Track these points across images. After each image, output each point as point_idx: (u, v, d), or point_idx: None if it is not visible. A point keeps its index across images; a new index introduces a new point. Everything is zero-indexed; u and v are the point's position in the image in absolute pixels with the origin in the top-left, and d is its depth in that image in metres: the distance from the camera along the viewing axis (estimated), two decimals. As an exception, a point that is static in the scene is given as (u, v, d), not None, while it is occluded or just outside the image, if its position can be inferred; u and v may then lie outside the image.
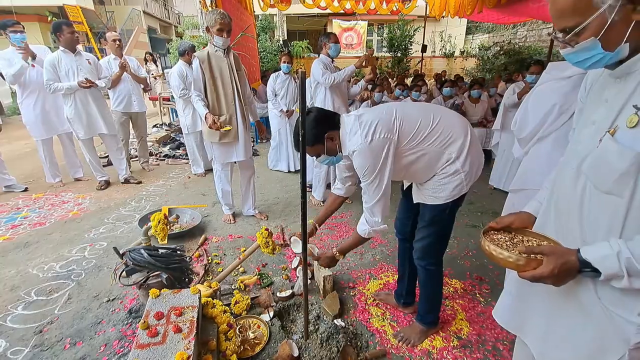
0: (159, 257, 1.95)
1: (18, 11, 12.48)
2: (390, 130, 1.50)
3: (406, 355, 1.86)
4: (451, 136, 1.54)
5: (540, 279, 0.87)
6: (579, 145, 0.94)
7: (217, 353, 1.66)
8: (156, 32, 20.76)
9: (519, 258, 0.90)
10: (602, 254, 0.81)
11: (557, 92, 1.87)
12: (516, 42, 12.41)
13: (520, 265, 0.90)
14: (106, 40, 4.77)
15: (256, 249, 2.25)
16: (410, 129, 1.53)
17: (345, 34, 16.04)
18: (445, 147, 1.55)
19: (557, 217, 1.01)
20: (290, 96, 4.69)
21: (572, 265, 0.85)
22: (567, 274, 0.86)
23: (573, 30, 0.81)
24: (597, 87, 0.97)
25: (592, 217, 0.89)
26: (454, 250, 2.87)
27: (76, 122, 3.86)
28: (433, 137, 1.54)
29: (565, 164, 1.00)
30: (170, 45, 13.74)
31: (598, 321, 0.90)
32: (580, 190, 0.90)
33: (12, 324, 2.06)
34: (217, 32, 2.74)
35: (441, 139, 1.54)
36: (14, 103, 9.58)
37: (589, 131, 0.91)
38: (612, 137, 0.82)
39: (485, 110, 5.06)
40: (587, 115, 0.97)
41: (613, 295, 0.86)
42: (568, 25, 0.82)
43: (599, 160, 0.85)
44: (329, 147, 1.60)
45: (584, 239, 0.91)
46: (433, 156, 1.56)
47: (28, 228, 3.25)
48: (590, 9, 0.78)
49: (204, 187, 4.33)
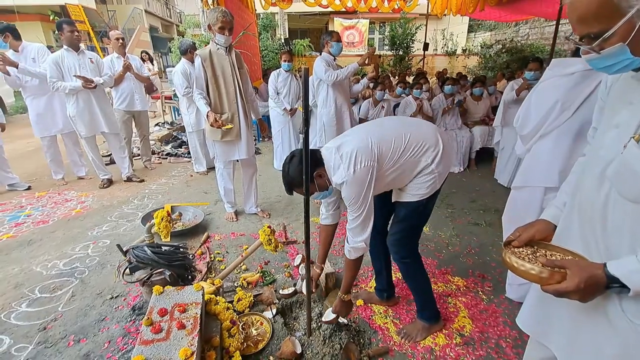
0: (162, 255, 1.96)
1: (20, 10, 12.51)
2: (370, 157, 1.54)
3: (409, 352, 1.86)
4: (424, 146, 1.63)
5: (565, 293, 0.83)
6: (602, 149, 0.90)
7: (220, 349, 1.67)
8: (158, 31, 20.79)
9: (542, 270, 0.87)
10: (630, 269, 0.77)
11: (560, 88, 1.86)
12: (518, 40, 12.35)
13: (543, 278, 0.87)
14: (109, 39, 4.78)
15: (259, 246, 2.26)
16: (387, 151, 1.59)
17: (346, 32, 16.02)
18: (420, 157, 1.64)
19: (582, 224, 0.96)
20: (293, 94, 4.69)
21: (598, 280, 0.80)
22: (594, 290, 0.81)
23: (597, 36, 0.77)
24: (619, 88, 0.93)
25: (615, 224, 0.85)
26: (456, 248, 2.87)
27: (78, 120, 3.87)
28: (408, 152, 1.62)
29: (587, 168, 0.96)
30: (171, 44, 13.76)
31: (624, 334, 0.86)
32: (604, 196, 0.86)
33: (16, 321, 2.07)
34: (219, 30, 2.74)
35: (415, 150, 1.62)
36: (16, 102, 9.62)
37: (612, 135, 0.87)
38: (637, 143, 0.78)
39: (487, 108, 5.05)
40: (608, 116, 0.93)
41: (637, 309, 0.83)
42: (592, 32, 0.78)
43: (623, 167, 0.81)
44: (320, 183, 1.64)
45: (608, 247, 0.87)
46: (410, 166, 1.65)
47: (31, 226, 3.27)
48: (616, 14, 0.74)
49: (206, 185, 4.34)
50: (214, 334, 1.70)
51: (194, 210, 3.33)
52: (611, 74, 0.85)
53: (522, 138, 2.14)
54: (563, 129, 1.88)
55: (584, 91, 1.78)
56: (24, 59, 3.83)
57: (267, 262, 2.66)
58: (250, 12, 7.29)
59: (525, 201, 2.08)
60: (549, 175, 1.94)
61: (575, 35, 0.84)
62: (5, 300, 2.25)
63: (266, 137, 6.33)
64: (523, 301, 2.14)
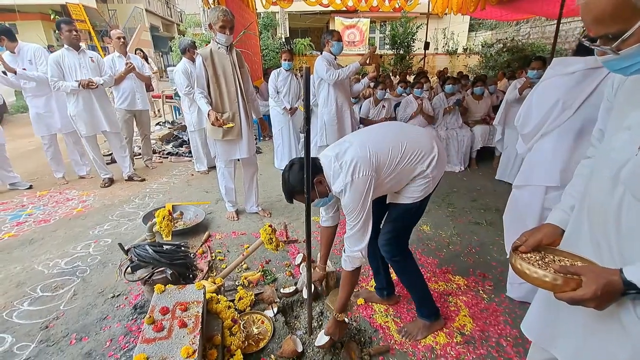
0: (163, 253, 1.96)
1: (21, 9, 12.50)
2: (369, 166, 1.55)
3: (409, 351, 1.86)
4: (420, 153, 1.66)
5: (581, 301, 0.80)
6: (613, 152, 0.87)
7: (221, 348, 1.67)
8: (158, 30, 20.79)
9: (556, 277, 0.83)
10: None
11: (561, 87, 1.86)
12: (519, 39, 12.33)
13: (557, 285, 0.83)
14: (109, 38, 4.79)
15: (260, 245, 2.26)
16: (385, 160, 1.60)
17: (347, 32, 15.99)
18: (416, 164, 1.66)
19: (592, 228, 0.93)
20: (293, 93, 4.69)
21: (615, 287, 0.78)
22: (611, 297, 0.79)
23: (615, 37, 0.75)
24: (628, 89, 0.90)
25: (630, 228, 0.82)
26: (457, 247, 2.87)
27: (79, 119, 3.88)
28: (404, 160, 1.64)
29: (596, 171, 0.94)
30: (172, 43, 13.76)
31: (638, 338, 0.83)
32: (618, 199, 0.84)
33: (18, 320, 2.08)
34: (220, 29, 2.74)
35: (412, 159, 1.65)
36: (17, 101, 9.63)
37: (624, 137, 0.85)
38: None
39: (488, 107, 5.05)
40: (617, 117, 0.91)
41: None
42: (610, 32, 0.76)
43: (639, 169, 0.79)
44: (320, 190, 1.65)
45: (622, 252, 0.85)
46: (407, 173, 1.68)
47: (33, 225, 3.27)
48: (635, 14, 0.72)
49: (207, 184, 4.34)
50: (216, 333, 1.70)
51: (195, 210, 3.34)
52: (628, 75, 0.82)
53: (523, 137, 2.14)
54: (564, 128, 1.88)
55: (585, 90, 1.78)
56: (20, 61, 3.84)
57: (268, 261, 2.66)
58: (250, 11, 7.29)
59: (526, 200, 2.08)
60: (550, 174, 1.94)
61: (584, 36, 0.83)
62: (7, 299, 2.26)
63: (267, 136, 6.32)
64: (524, 300, 2.17)
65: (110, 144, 4.31)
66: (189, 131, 4.69)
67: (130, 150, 4.71)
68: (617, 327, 0.87)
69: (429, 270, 2.57)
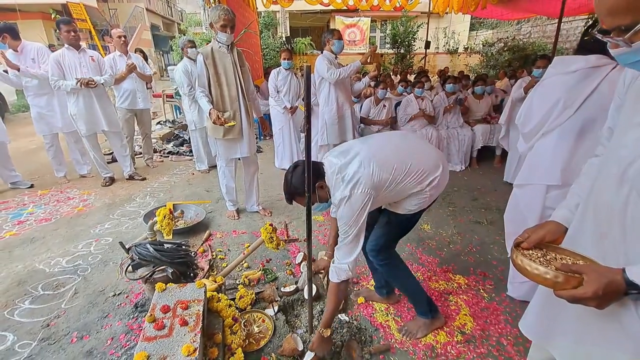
0: (164, 252, 1.97)
1: (22, 9, 12.50)
2: (370, 184, 1.54)
3: (410, 350, 1.86)
4: (423, 174, 1.65)
5: (582, 300, 0.80)
6: (623, 149, 0.86)
7: (222, 346, 1.68)
8: (159, 29, 20.77)
9: (557, 275, 0.83)
10: None
11: (562, 86, 1.85)
12: (520, 39, 12.31)
13: (558, 283, 0.83)
14: (110, 37, 4.79)
15: (260, 244, 2.27)
16: (387, 178, 1.59)
17: (348, 31, 15.96)
18: (418, 183, 1.65)
19: (597, 227, 0.92)
20: (293, 92, 4.68)
21: (618, 287, 0.77)
22: (612, 296, 0.78)
23: (628, 28, 0.75)
24: (639, 86, 0.89)
25: (635, 227, 0.82)
26: (457, 246, 2.87)
27: (79, 118, 3.87)
28: (407, 179, 1.63)
29: (604, 169, 0.93)
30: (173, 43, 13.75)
31: (638, 338, 0.83)
32: (624, 197, 0.83)
33: (19, 318, 2.08)
34: (221, 28, 2.74)
35: (414, 177, 1.64)
36: (19, 100, 9.64)
37: (635, 134, 0.84)
38: None
39: (489, 106, 5.04)
40: (628, 115, 0.90)
41: None
42: (624, 24, 0.75)
43: None
44: (321, 195, 1.65)
45: (627, 251, 0.84)
46: (404, 191, 1.67)
47: (34, 224, 3.28)
48: None
49: (207, 183, 4.35)
50: (216, 331, 1.71)
51: (196, 208, 3.34)
52: None
53: (524, 136, 2.13)
54: (565, 127, 1.88)
55: (586, 89, 1.78)
56: (23, 59, 3.83)
57: (268, 259, 2.66)
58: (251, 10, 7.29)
59: (527, 199, 2.08)
60: (551, 173, 1.94)
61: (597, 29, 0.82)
62: (9, 298, 2.27)
63: (267, 135, 6.32)
64: (524, 299, 2.17)
65: (111, 143, 4.32)
66: (190, 130, 4.69)
67: (131, 149, 4.71)
68: (616, 327, 0.86)
69: (430, 269, 2.57)
